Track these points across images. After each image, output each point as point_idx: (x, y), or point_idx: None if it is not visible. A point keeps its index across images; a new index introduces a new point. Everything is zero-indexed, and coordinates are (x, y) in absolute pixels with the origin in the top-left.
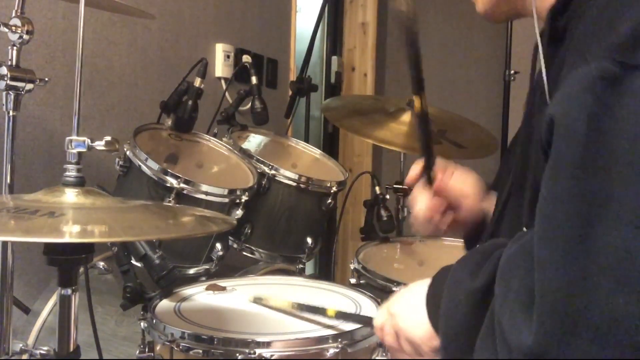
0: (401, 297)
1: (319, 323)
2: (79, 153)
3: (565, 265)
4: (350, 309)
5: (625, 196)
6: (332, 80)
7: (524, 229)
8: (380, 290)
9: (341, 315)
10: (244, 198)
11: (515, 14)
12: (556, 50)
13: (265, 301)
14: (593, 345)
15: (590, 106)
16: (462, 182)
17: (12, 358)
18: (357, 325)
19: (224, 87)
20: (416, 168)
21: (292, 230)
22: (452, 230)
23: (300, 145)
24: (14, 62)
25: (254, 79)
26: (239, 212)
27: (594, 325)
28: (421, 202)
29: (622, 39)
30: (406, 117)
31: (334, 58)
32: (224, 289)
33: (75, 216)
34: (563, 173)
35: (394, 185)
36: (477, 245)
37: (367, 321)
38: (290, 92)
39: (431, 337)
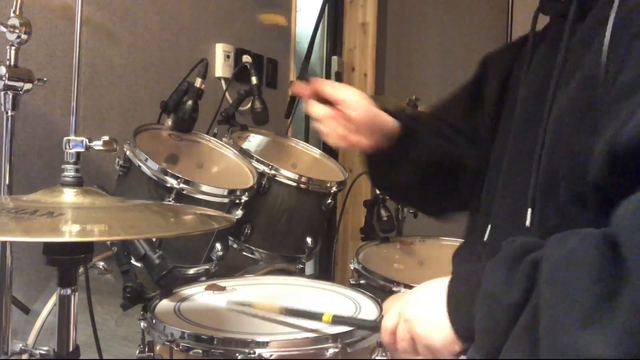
0: (416, 301)
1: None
2: (77, 153)
3: None
4: (350, 309)
5: None
6: (332, 80)
7: (529, 211)
8: (380, 290)
9: (338, 320)
10: (244, 198)
11: None
12: (576, 27)
13: (251, 306)
14: None
15: None
16: (344, 90)
17: (12, 358)
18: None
19: (224, 87)
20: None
21: (292, 230)
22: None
23: (300, 145)
24: (12, 62)
25: (254, 79)
26: (239, 212)
27: None
28: (315, 107)
29: None
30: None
31: (334, 58)
32: (224, 289)
33: (74, 216)
34: None
35: None
36: (503, 245)
37: (367, 326)
38: (290, 92)
39: (453, 342)
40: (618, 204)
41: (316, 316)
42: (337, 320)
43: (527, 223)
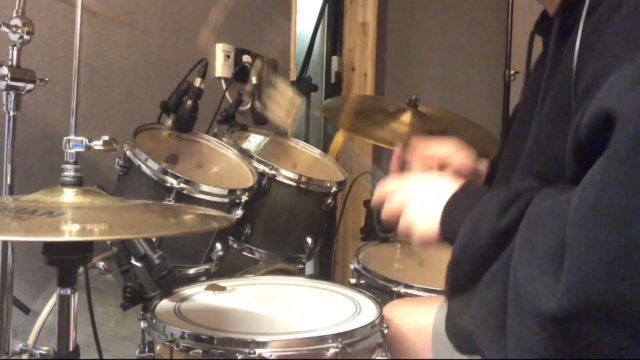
0: (420, 189)
1: (321, 322)
2: (77, 153)
3: (610, 242)
4: (350, 309)
5: None
6: (332, 80)
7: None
8: (380, 290)
9: None
10: (244, 198)
11: None
12: (564, 41)
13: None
14: (613, 327)
15: None
16: (442, 146)
17: (12, 358)
18: (358, 325)
19: (224, 87)
20: (397, 148)
21: (292, 230)
22: None
23: (300, 145)
24: (14, 62)
25: (254, 79)
26: (239, 212)
27: (621, 308)
28: (416, 163)
29: None
30: (406, 117)
31: (334, 58)
32: (224, 289)
33: (74, 215)
34: (624, 166)
35: None
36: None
37: None
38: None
39: (433, 233)
40: None
41: None
42: None
43: None
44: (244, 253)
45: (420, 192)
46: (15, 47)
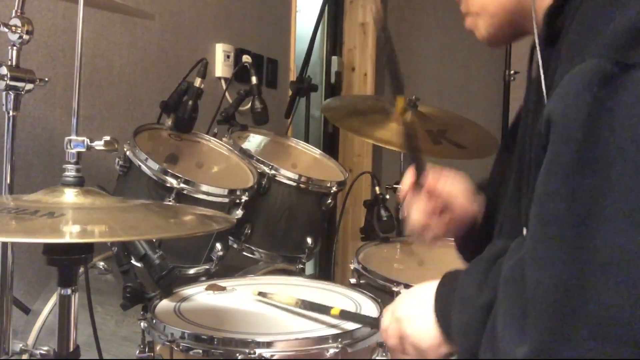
0: (407, 301)
1: (321, 322)
2: (78, 153)
3: (561, 264)
4: (350, 309)
5: (622, 194)
6: (332, 80)
7: (524, 231)
8: (380, 290)
9: (345, 315)
10: (244, 198)
11: (517, 34)
12: (552, 51)
13: (269, 297)
14: (592, 341)
15: (588, 105)
16: (451, 183)
17: (12, 358)
18: (358, 325)
19: (224, 87)
20: (408, 178)
21: (292, 230)
22: (447, 231)
23: (300, 145)
24: (14, 62)
25: (254, 79)
26: (239, 212)
27: (593, 322)
28: (416, 209)
29: (618, 37)
30: (406, 117)
31: (334, 58)
32: (224, 289)
33: (75, 216)
34: (559, 172)
35: (394, 185)
36: (484, 251)
37: (369, 322)
38: (290, 92)
39: (440, 344)
40: None
41: (326, 310)
42: (344, 314)
43: None
44: (244, 253)
45: (404, 297)
46: (14, 47)
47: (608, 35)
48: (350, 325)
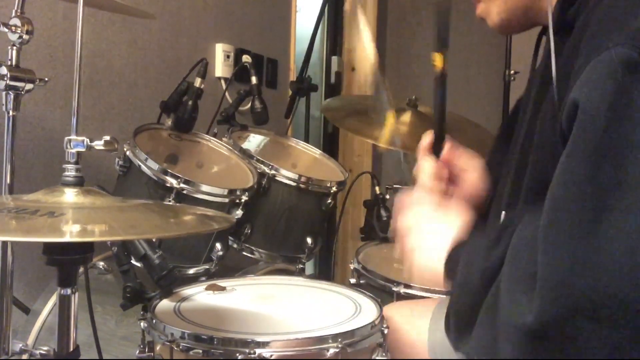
0: (428, 229)
1: (321, 322)
2: (78, 153)
3: (573, 247)
4: (350, 309)
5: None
6: (332, 80)
7: (502, 213)
8: (380, 290)
9: None
10: (244, 198)
11: (528, 22)
12: (563, 41)
13: None
14: (594, 324)
15: (612, 93)
16: (466, 158)
17: (12, 358)
18: (357, 325)
19: (224, 87)
20: (428, 137)
21: (292, 230)
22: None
23: (300, 145)
24: (13, 62)
25: (254, 79)
26: (239, 212)
27: (598, 305)
28: (427, 168)
29: None
30: (406, 117)
31: (334, 58)
32: (224, 289)
33: (75, 216)
34: (580, 157)
35: (394, 185)
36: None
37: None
38: (290, 92)
39: (431, 272)
40: None
41: None
42: None
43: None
44: (244, 253)
45: (428, 227)
46: (14, 47)
47: (632, 23)
48: (350, 325)
